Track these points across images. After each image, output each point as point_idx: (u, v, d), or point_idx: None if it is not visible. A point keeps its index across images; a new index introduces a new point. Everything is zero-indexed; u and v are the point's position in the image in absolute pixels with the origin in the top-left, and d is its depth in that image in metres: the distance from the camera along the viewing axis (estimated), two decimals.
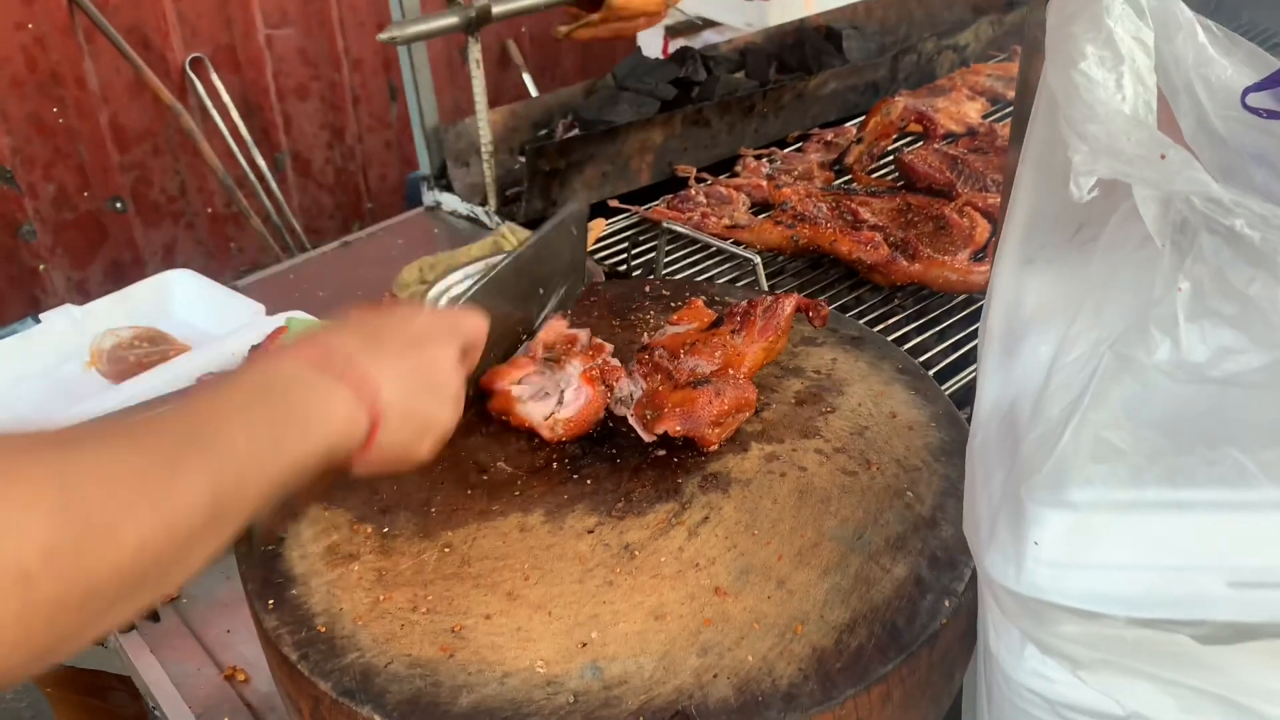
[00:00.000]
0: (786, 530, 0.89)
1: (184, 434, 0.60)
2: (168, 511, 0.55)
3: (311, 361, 0.71)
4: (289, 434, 0.66)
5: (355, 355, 0.73)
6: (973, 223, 1.56)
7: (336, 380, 0.70)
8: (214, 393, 0.65)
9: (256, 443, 0.63)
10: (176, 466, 0.57)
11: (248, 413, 0.64)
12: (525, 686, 0.74)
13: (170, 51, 3.62)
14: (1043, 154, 0.79)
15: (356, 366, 0.72)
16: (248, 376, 0.68)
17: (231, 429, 0.62)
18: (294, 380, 0.69)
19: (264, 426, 0.64)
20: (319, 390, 0.69)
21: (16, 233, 3.52)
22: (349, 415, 0.71)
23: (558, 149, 1.80)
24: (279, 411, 0.66)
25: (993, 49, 2.61)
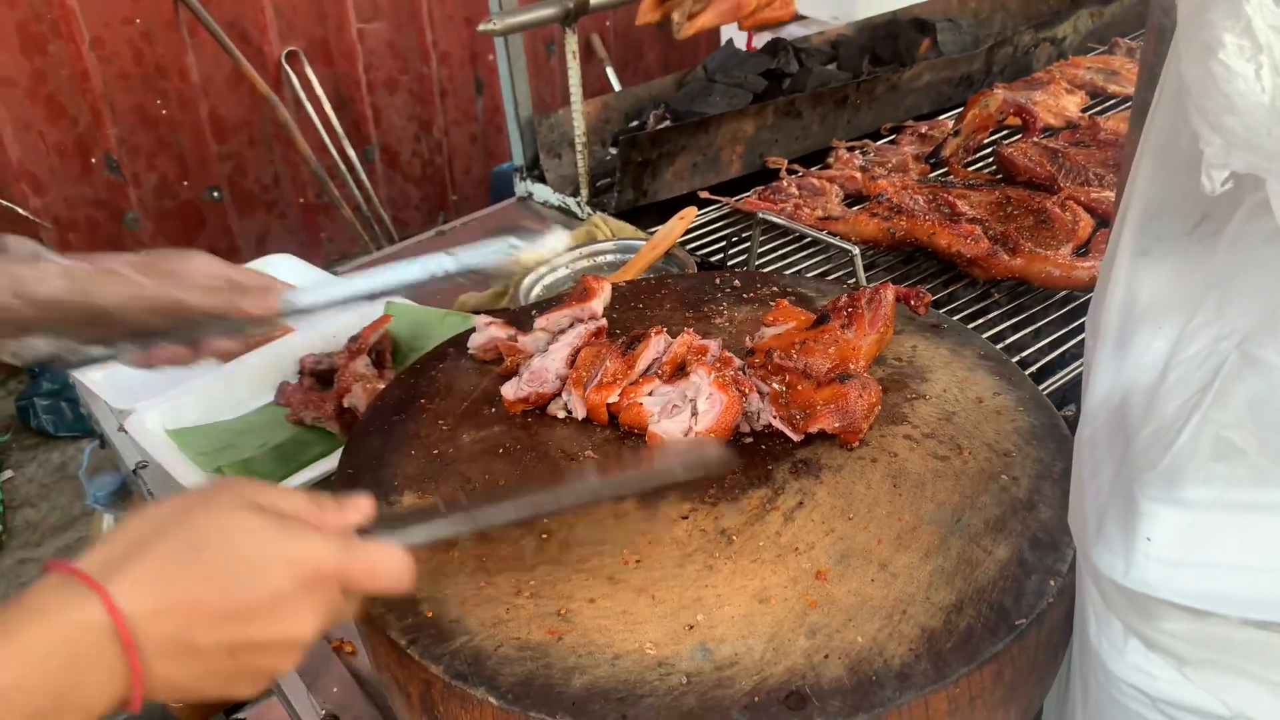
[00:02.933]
0: (883, 515, 0.89)
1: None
2: None
3: (99, 630, 0.59)
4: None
5: (143, 635, 0.60)
6: (1075, 217, 1.53)
7: (120, 657, 0.59)
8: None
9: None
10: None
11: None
12: (637, 668, 0.75)
13: (267, 45, 3.73)
14: (1165, 144, 0.77)
15: (134, 650, 0.60)
16: (17, 651, 0.57)
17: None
18: (63, 658, 0.58)
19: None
20: (90, 671, 0.59)
21: (121, 220, 3.67)
22: (115, 693, 0.61)
23: (650, 139, 1.81)
24: (37, 717, 0.57)
25: (1092, 41, 2.55)
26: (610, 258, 1.65)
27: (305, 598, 0.65)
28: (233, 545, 0.64)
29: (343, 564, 0.68)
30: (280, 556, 0.65)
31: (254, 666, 0.65)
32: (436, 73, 4.21)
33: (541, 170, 2.08)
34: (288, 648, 0.66)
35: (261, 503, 0.67)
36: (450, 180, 4.47)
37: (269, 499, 0.69)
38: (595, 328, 1.13)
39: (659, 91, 2.29)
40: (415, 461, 1.00)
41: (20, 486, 3.27)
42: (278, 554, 0.65)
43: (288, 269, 1.76)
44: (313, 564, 0.66)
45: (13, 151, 3.34)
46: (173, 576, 0.62)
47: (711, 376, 0.99)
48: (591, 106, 2.12)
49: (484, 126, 4.47)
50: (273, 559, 0.64)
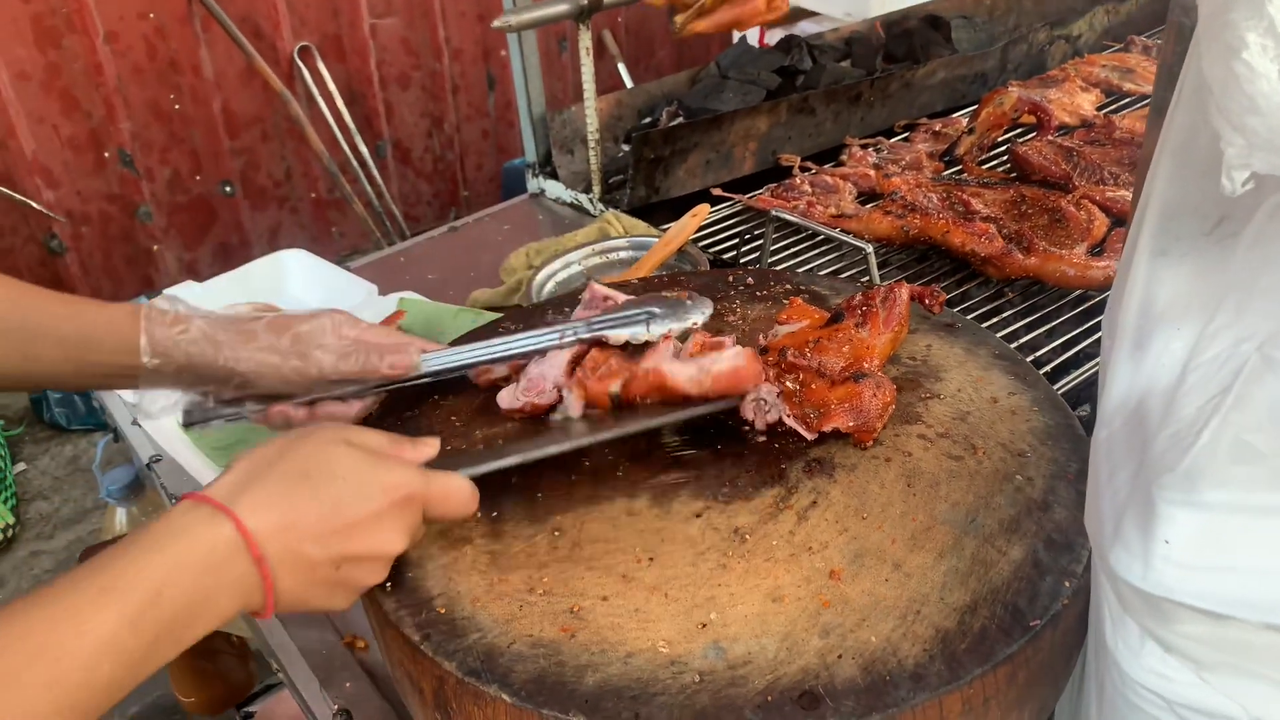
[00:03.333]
0: (897, 515, 0.89)
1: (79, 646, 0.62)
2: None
3: (241, 543, 0.70)
4: (169, 651, 0.68)
5: (269, 550, 0.71)
6: (1090, 216, 1.53)
7: (253, 568, 0.70)
8: (91, 608, 0.63)
9: (124, 672, 0.64)
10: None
11: (122, 638, 0.64)
12: (650, 666, 0.75)
13: (280, 40, 3.73)
14: (1184, 144, 0.77)
15: (264, 563, 0.70)
16: (149, 569, 0.66)
17: (87, 672, 0.62)
18: (201, 569, 0.68)
19: (139, 653, 0.65)
20: (222, 585, 0.69)
21: (134, 214, 3.68)
22: (244, 604, 0.71)
23: (663, 136, 1.81)
24: (162, 635, 0.66)
25: (1107, 39, 2.54)
26: (623, 255, 1.64)
27: (396, 517, 0.77)
28: (336, 472, 0.75)
29: (425, 489, 0.79)
30: (376, 482, 0.76)
31: (352, 578, 0.77)
32: (449, 68, 4.21)
33: (554, 167, 2.08)
34: (381, 560, 0.78)
35: (352, 439, 0.79)
36: (462, 176, 4.47)
37: (358, 436, 0.80)
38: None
39: (672, 88, 2.28)
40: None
41: (33, 479, 3.29)
42: (374, 479, 0.76)
43: (300, 264, 1.77)
44: (402, 489, 0.77)
45: (27, 145, 3.35)
46: (288, 499, 0.72)
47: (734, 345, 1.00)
48: (604, 103, 2.12)
49: (496, 122, 4.47)
50: (370, 483, 0.76)
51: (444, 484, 0.82)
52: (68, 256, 3.58)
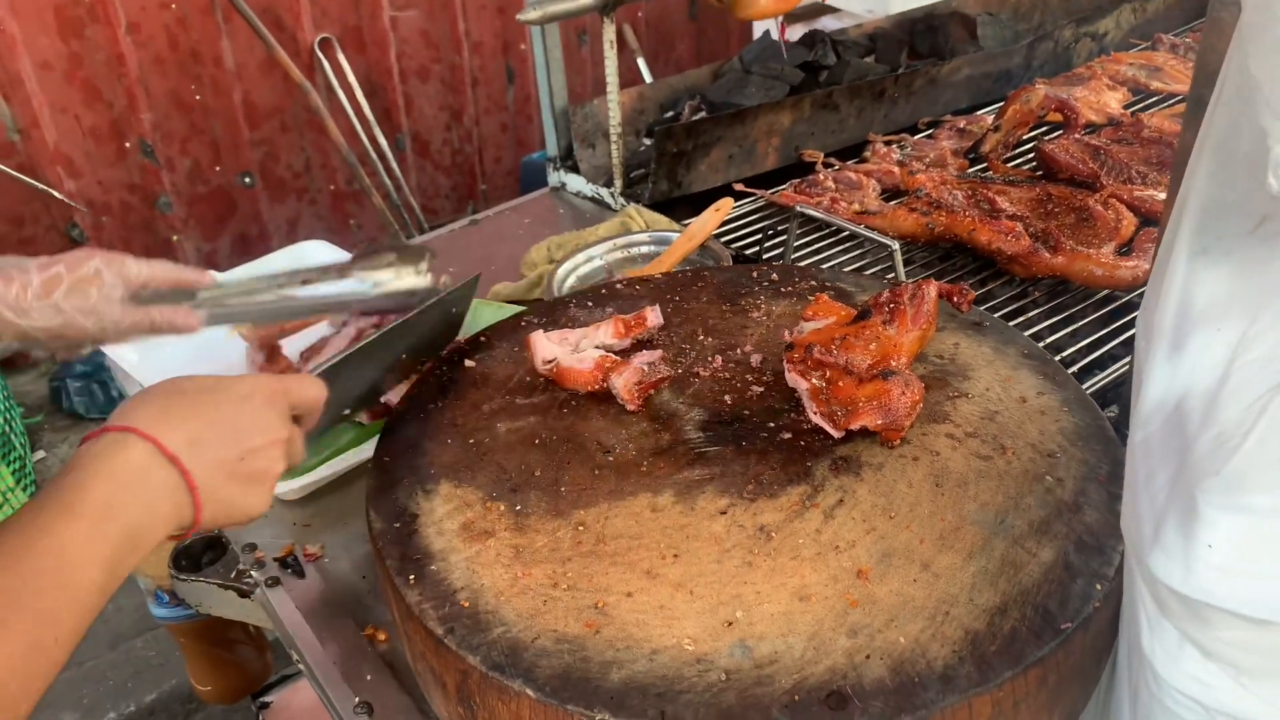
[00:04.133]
0: (925, 514, 0.88)
1: (34, 584, 0.67)
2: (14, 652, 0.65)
3: (156, 452, 0.77)
4: (132, 557, 0.75)
5: (183, 453, 0.78)
6: (1118, 215, 1.51)
7: (173, 473, 0.78)
8: (63, 522, 0.71)
9: (105, 576, 0.72)
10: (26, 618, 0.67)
11: (96, 546, 0.71)
12: (675, 663, 0.74)
13: (301, 32, 3.73)
14: (1225, 141, 0.75)
15: (182, 465, 0.78)
16: (95, 490, 0.73)
17: (81, 574, 0.70)
18: (136, 483, 0.76)
19: (111, 559, 0.72)
20: (155, 493, 0.77)
21: (154, 204, 3.69)
22: (178, 512, 0.79)
23: (685, 131, 1.80)
24: (123, 541, 0.73)
25: (1134, 37, 2.51)
26: (644, 249, 1.63)
27: (270, 407, 0.86)
28: (207, 384, 0.84)
29: (282, 383, 0.89)
30: (241, 383, 0.86)
31: (258, 469, 0.84)
32: (468, 61, 4.20)
33: (575, 160, 2.07)
34: (274, 446, 0.86)
35: (216, 372, 0.89)
36: (480, 169, 4.46)
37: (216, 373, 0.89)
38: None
39: (694, 82, 2.27)
40: (451, 450, 1.00)
41: (53, 467, 3.31)
42: (241, 382, 0.86)
43: (321, 255, 1.76)
44: (265, 385, 0.87)
45: (49, 135, 3.36)
46: (176, 409, 0.81)
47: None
48: (626, 97, 2.11)
49: (514, 116, 4.47)
50: (237, 385, 0.86)
51: (298, 379, 0.92)
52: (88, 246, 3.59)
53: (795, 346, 1.02)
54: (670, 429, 1.01)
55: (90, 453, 0.76)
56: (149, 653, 2.60)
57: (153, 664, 2.57)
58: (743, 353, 1.12)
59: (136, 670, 2.56)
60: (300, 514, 1.22)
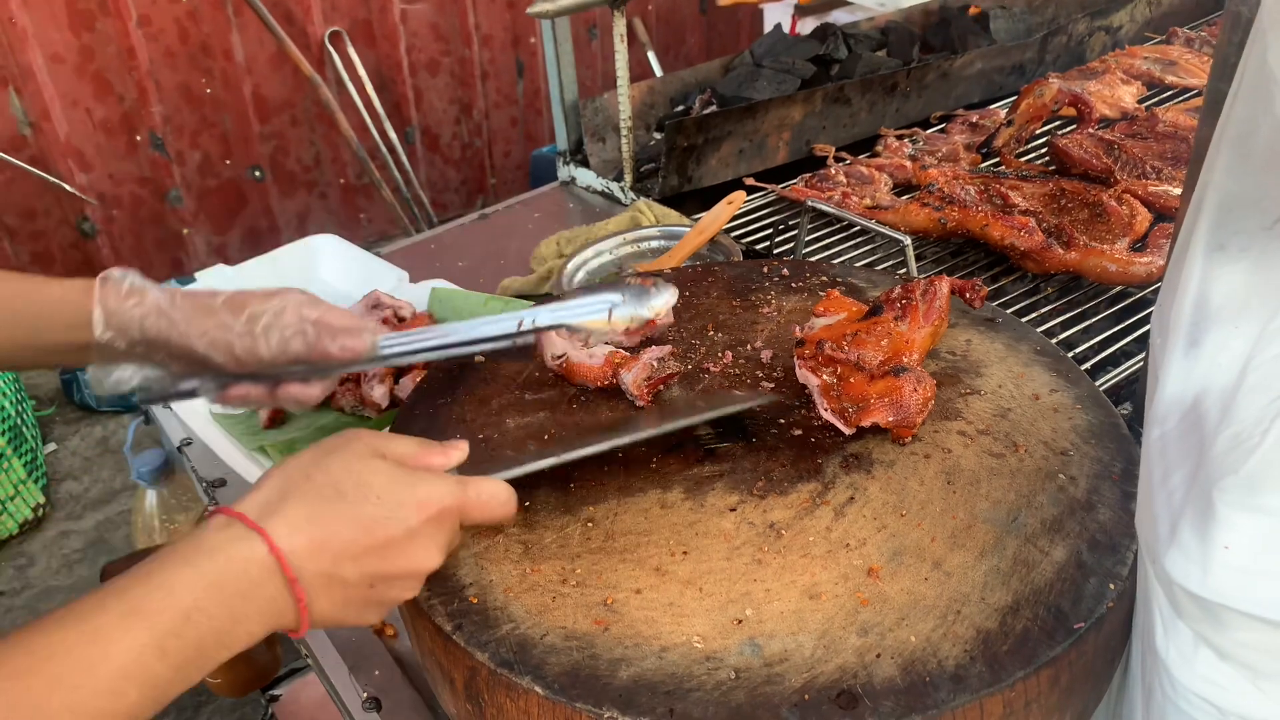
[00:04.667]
0: (937, 512, 0.87)
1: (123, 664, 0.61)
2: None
3: (275, 564, 0.68)
4: (191, 675, 0.66)
5: (304, 571, 0.69)
6: (1133, 211, 1.50)
7: (287, 590, 0.69)
8: (120, 627, 0.62)
9: (147, 698, 0.63)
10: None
11: (146, 661, 0.62)
12: (685, 661, 0.74)
13: (311, 25, 3.74)
14: (1243, 135, 0.74)
15: (298, 584, 0.69)
16: (184, 591, 0.65)
17: (110, 698, 0.61)
18: (237, 595, 0.66)
19: (162, 678, 0.63)
20: (254, 609, 0.68)
21: (165, 198, 3.70)
22: (270, 625, 0.70)
23: (696, 125, 1.79)
24: (187, 658, 0.64)
25: (1149, 31, 2.49)
26: (654, 244, 1.63)
27: (432, 532, 0.75)
28: (370, 489, 0.73)
29: (461, 500, 0.77)
30: (410, 499, 0.74)
31: (387, 596, 0.75)
32: (478, 55, 4.20)
33: (585, 154, 2.07)
34: (416, 577, 0.76)
35: (383, 450, 0.77)
36: (490, 163, 4.46)
37: (388, 446, 0.78)
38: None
39: (705, 76, 2.26)
40: None
41: (63, 459, 3.32)
42: (408, 496, 0.74)
43: (330, 249, 1.76)
44: (437, 503, 0.75)
45: (60, 128, 3.37)
46: (321, 518, 0.70)
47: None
48: (637, 91, 2.10)
49: (524, 109, 4.46)
50: (404, 500, 0.74)
51: (480, 491, 0.79)
52: (99, 239, 3.60)
53: (806, 342, 1.02)
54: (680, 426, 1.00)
55: (205, 543, 0.67)
56: None
57: None
58: (753, 348, 1.11)
59: None
60: None
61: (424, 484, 0.76)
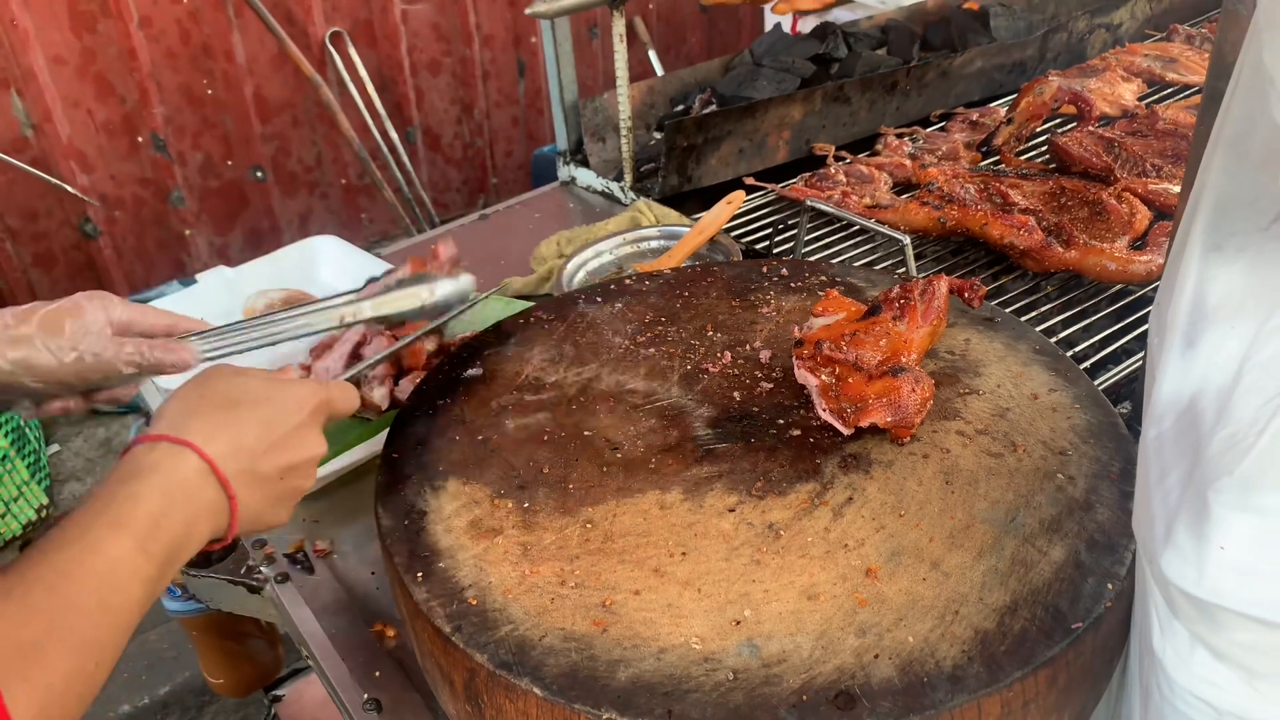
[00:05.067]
0: (935, 512, 0.87)
1: (79, 601, 0.67)
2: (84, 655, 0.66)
3: (207, 469, 0.77)
4: (170, 572, 0.75)
5: (230, 471, 0.79)
6: (1132, 209, 1.50)
7: (220, 491, 0.78)
8: (112, 540, 0.70)
9: (146, 593, 0.72)
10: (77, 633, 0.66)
11: (141, 564, 0.71)
12: (682, 662, 0.74)
13: (312, 26, 3.73)
14: (1240, 135, 0.74)
15: (230, 483, 0.79)
16: (146, 505, 0.73)
17: (125, 594, 0.70)
18: (186, 501, 0.76)
19: (154, 577, 0.72)
20: (201, 511, 0.77)
21: (167, 199, 3.70)
22: (216, 529, 0.79)
23: (696, 124, 1.79)
24: (166, 558, 0.73)
25: (1149, 28, 2.49)
26: (654, 244, 1.63)
27: (314, 423, 0.87)
28: (258, 397, 0.83)
29: (325, 395, 0.89)
30: (293, 397, 0.85)
31: (293, 486, 0.85)
32: (479, 55, 4.20)
33: (585, 154, 2.07)
34: (312, 463, 0.86)
35: (247, 371, 0.87)
36: (491, 163, 4.46)
37: (250, 370, 0.88)
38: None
39: (705, 75, 2.26)
40: (460, 447, 1.00)
41: (67, 460, 3.33)
42: (289, 395, 0.85)
43: (330, 250, 1.76)
44: (311, 397, 0.87)
45: (62, 129, 3.37)
46: (229, 424, 0.80)
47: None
48: (636, 90, 2.10)
49: (525, 109, 4.46)
50: (287, 399, 0.85)
51: (338, 389, 0.91)
52: (101, 240, 3.60)
53: (804, 343, 1.02)
54: (678, 426, 1.01)
55: (143, 463, 0.75)
56: (162, 645, 2.61)
57: (166, 657, 2.59)
58: (752, 349, 1.11)
59: (150, 663, 2.58)
60: (310, 510, 1.22)
61: (295, 386, 0.87)
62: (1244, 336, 0.69)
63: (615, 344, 1.14)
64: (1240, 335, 0.70)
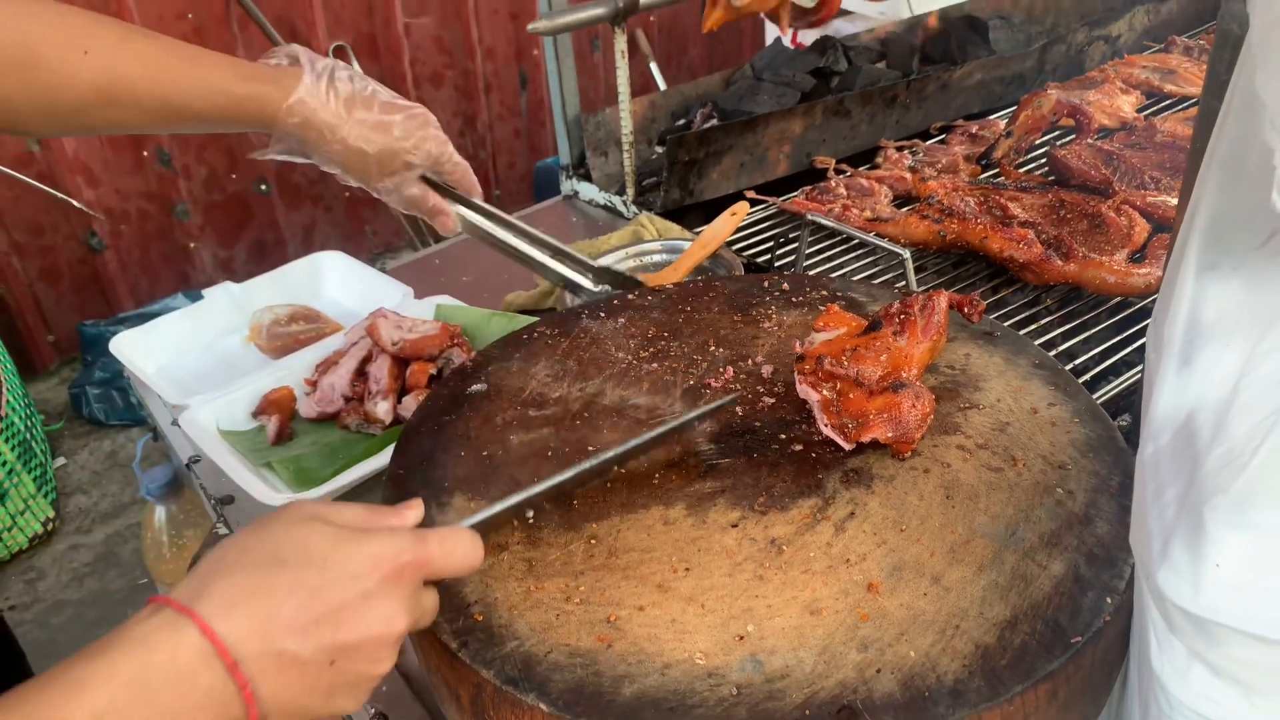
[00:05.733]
0: (936, 527, 0.88)
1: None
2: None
3: (211, 650, 0.59)
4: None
5: (245, 654, 0.60)
6: (1131, 222, 1.51)
7: (223, 680, 0.60)
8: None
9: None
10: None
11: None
12: (687, 678, 0.75)
13: (315, 39, 3.76)
14: (1233, 155, 0.75)
15: (239, 669, 0.60)
16: (105, 688, 0.57)
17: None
18: (167, 689, 0.58)
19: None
20: (194, 704, 0.59)
21: (172, 212, 3.72)
22: (225, 713, 0.61)
23: (697, 139, 1.80)
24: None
25: (1148, 40, 2.50)
26: (657, 258, 1.64)
27: (391, 592, 0.66)
28: (312, 552, 0.65)
29: (418, 552, 0.69)
30: (360, 556, 0.66)
31: (353, 672, 0.65)
32: (481, 67, 4.23)
33: (588, 168, 2.08)
34: (381, 645, 0.66)
35: (326, 515, 0.69)
36: (494, 174, 4.49)
37: (334, 512, 0.70)
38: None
39: (706, 90, 2.28)
40: (465, 463, 1.01)
41: (73, 473, 3.34)
42: (357, 554, 0.66)
43: (335, 266, 1.78)
44: (392, 559, 0.67)
45: (68, 144, 3.40)
46: (260, 590, 0.62)
47: None
48: (638, 105, 2.11)
49: (528, 121, 4.48)
50: (352, 559, 0.65)
51: (441, 539, 0.71)
52: (107, 254, 3.62)
53: (806, 358, 1.03)
54: (681, 441, 1.02)
55: (130, 635, 0.59)
56: None
57: None
58: (754, 363, 1.12)
59: None
60: None
61: (375, 540, 0.67)
62: (1239, 354, 0.70)
63: (618, 359, 1.15)
64: (1236, 353, 0.71)
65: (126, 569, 2.92)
